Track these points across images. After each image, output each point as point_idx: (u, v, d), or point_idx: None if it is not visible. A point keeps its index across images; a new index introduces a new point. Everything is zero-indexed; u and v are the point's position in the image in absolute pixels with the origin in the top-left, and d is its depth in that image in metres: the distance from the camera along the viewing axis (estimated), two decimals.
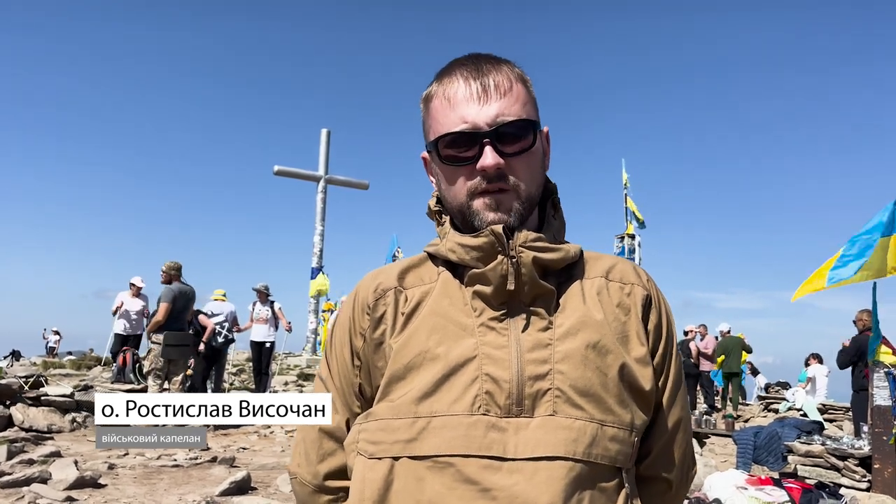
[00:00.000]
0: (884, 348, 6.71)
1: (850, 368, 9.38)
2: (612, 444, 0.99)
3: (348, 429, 1.13)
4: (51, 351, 24.59)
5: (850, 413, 10.24)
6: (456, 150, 1.06)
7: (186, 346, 9.31)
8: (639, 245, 17.43)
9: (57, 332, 26.33)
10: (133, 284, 12.66)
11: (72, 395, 9.20)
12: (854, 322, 9.45)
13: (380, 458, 1.01)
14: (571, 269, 1.11)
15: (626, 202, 17.87)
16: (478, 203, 1.05)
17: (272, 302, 12.44)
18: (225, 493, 5.65)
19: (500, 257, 1.02)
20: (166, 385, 9.11)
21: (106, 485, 5.89)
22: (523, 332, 1.02)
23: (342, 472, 1.13)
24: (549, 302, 1.05)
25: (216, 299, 11.48)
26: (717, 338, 15.02)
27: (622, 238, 17.60)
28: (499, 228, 1.02)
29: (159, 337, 8.94)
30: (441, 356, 1.01)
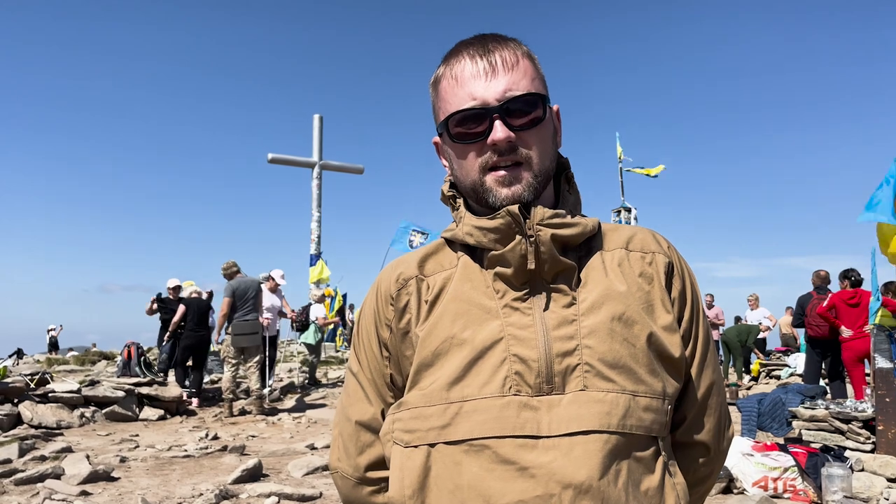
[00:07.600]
0: (882, 311, 6.77)
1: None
2: (646, 414, 0.99)
3: (384, 419, 1.13)
4: (53, 344, 24.43)
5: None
6: (466, 127, 1.05)
7: (255, 333, 9.95)
8: (635, 219, 17.43)
9: (57, 328, 26.25)
10: (271, 278, 11.05)
11: (79, 391, 9.27)
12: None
13: (416, 446, 1.01)
14: (591, 243, 1.10)
15: (620, 176, 17.87)
16: (490, 179, 1.05)
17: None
18: (238, 480, 5.70)
19: (517, 237, 1.02)
20: (241, 371, 10.05)
21: (119, 478, 5.94)
22: (547, 310, 1.02)
23: (382, 463, 1.13)
24: (570, 278, 1.05)
25: None
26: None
27: (618, 212, 17.60)
28: (514, 208, 1.01)
29: (229, 328, 9.87)
30: (467, 340, 1.01)
